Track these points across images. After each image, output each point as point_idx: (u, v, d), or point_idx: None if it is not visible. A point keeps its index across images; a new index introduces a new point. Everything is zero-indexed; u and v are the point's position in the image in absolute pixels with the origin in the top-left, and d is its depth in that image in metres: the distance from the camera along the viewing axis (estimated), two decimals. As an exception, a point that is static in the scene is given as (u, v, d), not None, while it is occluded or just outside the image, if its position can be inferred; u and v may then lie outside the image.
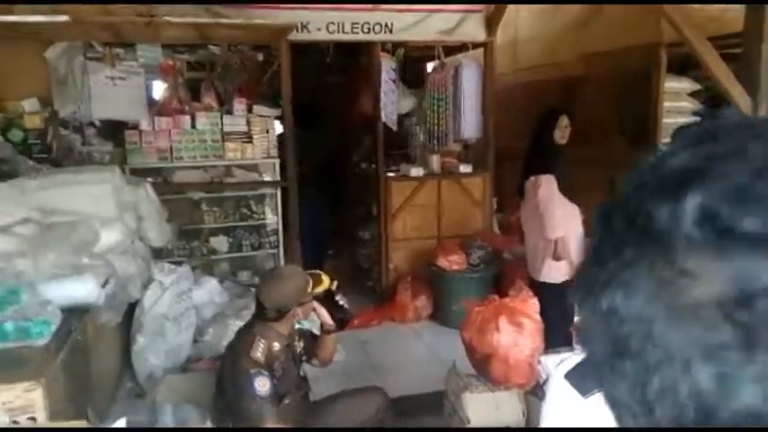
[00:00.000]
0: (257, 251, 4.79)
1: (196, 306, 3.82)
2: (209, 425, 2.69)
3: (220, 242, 4.68)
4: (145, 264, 3.58)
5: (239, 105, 4.66)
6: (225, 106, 4.72)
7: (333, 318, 2.60)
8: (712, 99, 4.39)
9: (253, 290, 4.28)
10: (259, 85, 4.98)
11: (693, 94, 5.59)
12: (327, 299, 2.61)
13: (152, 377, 3.43)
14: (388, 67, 4.77)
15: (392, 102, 4.82)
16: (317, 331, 2.74)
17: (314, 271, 2.62)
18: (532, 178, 3.29)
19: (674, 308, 0.29)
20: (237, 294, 4.25)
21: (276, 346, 2.37)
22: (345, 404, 2.67)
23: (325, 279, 2.57)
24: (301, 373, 2.58)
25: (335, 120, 5.79)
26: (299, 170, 4.66)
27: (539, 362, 2.73)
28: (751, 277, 0.26)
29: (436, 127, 4.85)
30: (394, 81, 4.82)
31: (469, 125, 4.96)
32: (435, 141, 4.88)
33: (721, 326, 0.27)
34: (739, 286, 0.27)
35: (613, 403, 0.34)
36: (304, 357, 2.60)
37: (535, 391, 2.76)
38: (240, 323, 3.58)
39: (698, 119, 4.83)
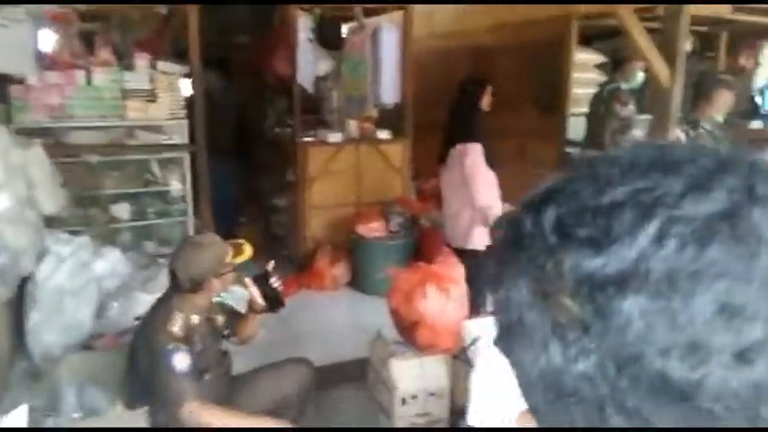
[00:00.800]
0: (163, 219, 4.48)
1: (97, 278, 3.53)
2: (119, 408, 2.50)
3: (122, 209, 4.31)
4: (38, 234, 3.23)
5: (141, 61, 4.26)
6: (124, 61, 4.32)
7: (265, 299, 2.46)
8: (615, 71, 4.56)
9: (160, 261, 4.05)
10: (163, 41, 4.59)
11: (600, 66, 5.83)
12: (262, 278, 2.47)
13: (48, 356, 3.14)
14: (304, 27, 4.56)
15: (309, 63, 4.63)
16: (238, 305, 2.60)
17: (235, 240, 2.45)
18: (459, 146, 3.27)
19: (538, 296, 0.36)
20: (143, 265, 3.97)
21: (195, 319, 2.21)
22: (269, 378, 2.56)
23: (248, 248, 2.42)
24: (222, 348, 2.44)
25: (249, 80, 5.49)
26: (210, 133, 4.39)
27: (463, 326, 2.76)
28: (580, 267, 0.34)
29: (355, 91, 4.71)
30: (311, 41, 4.61)
31: (388, 90, 4.87)
32: (353, 106, 4.75)
33: (565, 310, 0.35)
34: (573, 276, 0.34)
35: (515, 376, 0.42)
36: (225, 332, 2.45)
37: (460, 356, 2.79)
38: (146, 296, 3.37)
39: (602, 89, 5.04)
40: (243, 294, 2.51)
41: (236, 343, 2.54)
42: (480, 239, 3.34)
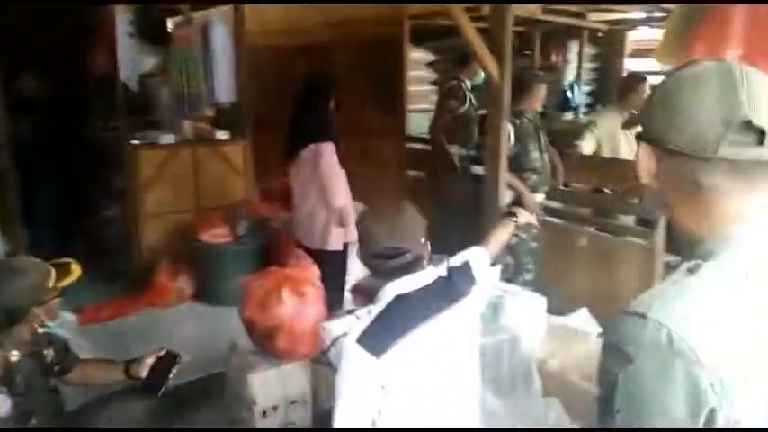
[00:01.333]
0: (-38, 242, 3.83)
1: None
2: None
3: None
4: None
5: None
6: None
7: (153, 373, 2.22)
8: (459, 69, 4.70)
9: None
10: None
11: (432, 65, 6.07)
12: (168, 360, 2.25)
13: None
14: (123, 20, 4.15)
15: (131, 59, 4.23)
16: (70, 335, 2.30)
17: (60, 260, 2.14)
18: (313, 146, 3.19)
19: None
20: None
21: (15, 355, 1.91)
22: (105, 413, 2.28)
23: (75, 268, 2.13)
24: (51, 385, 2.13)
25: (66, 81, 4.88)
26: (19, 143, 3.86)
27: (322, 328, 2.69)
28: None
29: (186, 89, 4.39)
30: (131, 36, 4.22)
31: (222, 87, 4.62)
32: (186, 105, 4.43)
33: None
34: None
35: None
36: (56, 368, 2.14)
37: (321, 359, 2.72)
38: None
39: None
40: (72, 321, 2.22)
41: (68, 383, 2.23)
42: (337, 240, 3.29)
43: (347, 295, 3.43)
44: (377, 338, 1.52)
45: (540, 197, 3.73)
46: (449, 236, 3.26)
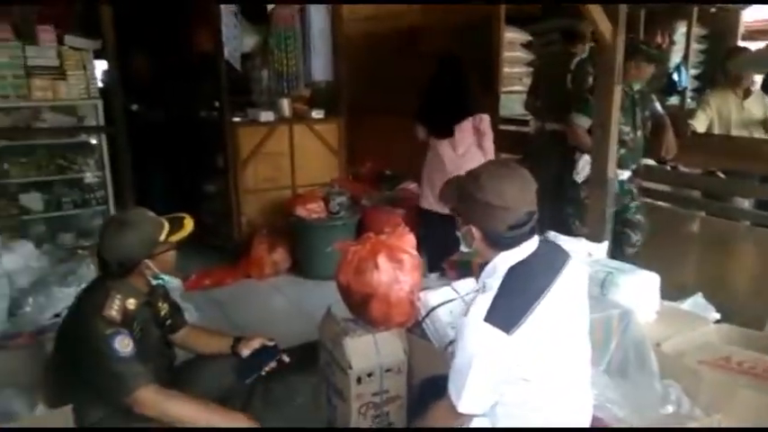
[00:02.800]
0: (81, 209, 4.11)
1: (8, 274, 3.16)
2: (40, 409, 2.20)
3: (33, 199, 3.92)
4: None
5: (46, 35, 3.86)
6: (26, 37, 3.89)
7: (252, 358, 2.29)
8: (572, 45, 4.49)
9: (80, 252, 3.71)
10: (70, 12, 4.18)
11: (525, 45, 5.88)
12: (270, 351, 2.32)
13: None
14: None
15: (235, 37, 4.36)
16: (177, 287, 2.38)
17: (175, 214, 2.18)
18: (477, 116, 3.71)
19: None
20: (61, 259, 3.61)
21: (132, 303, 1.96)
22: (210, 368, 2.33)
23: (189, 223, 2.15)
24: (165, 339, 2.21)
25: (169, 57, 5.12)
26: (132, 123, 4.07)
27: (418, 298, 2.63)
28: None
29: (285, 68, 4.49)
30: (235, 14, 4.35)
31: (318, 67, 4.68)
32: (285, 83, 4.53)
33: None
34: None
35: None
36: (168, 322, 2.21)
37: (414, 329, 2.67)
38: (66, 290, 3.06)
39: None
40: (179, 286, 2.27)
41: (174, 342, 2.29)
42: None
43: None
44: (506, 315, 1.44)
45: (626, 173, 3.53)
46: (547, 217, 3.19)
